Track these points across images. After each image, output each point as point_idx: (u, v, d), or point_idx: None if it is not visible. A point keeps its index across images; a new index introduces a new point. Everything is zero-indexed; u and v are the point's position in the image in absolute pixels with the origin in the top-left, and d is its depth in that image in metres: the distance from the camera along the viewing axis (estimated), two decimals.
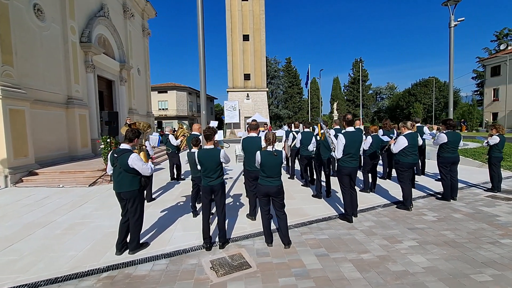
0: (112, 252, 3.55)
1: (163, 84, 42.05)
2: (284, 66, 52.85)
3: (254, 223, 4.54)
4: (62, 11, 9.87)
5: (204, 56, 4.04)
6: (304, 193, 6.37)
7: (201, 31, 3.99)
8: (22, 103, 7.59)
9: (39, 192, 6.65)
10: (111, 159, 3.50)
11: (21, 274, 3.11)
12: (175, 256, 3.47)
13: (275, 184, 3.60)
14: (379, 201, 5.64)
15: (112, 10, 13.68)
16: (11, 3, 7.53)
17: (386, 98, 61.45)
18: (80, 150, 10.28)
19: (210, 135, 3.57)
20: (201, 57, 4.05)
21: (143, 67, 18.47)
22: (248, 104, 35.64)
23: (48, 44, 9.15)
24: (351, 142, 4.39)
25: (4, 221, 4.80)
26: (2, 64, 7.10)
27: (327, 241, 3.81)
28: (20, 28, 7.92)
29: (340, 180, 4.64)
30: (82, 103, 10.56)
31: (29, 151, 7.82)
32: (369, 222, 4.52)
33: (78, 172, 7.81)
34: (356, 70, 54.47)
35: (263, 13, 35.14)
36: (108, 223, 4.56)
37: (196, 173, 4.71)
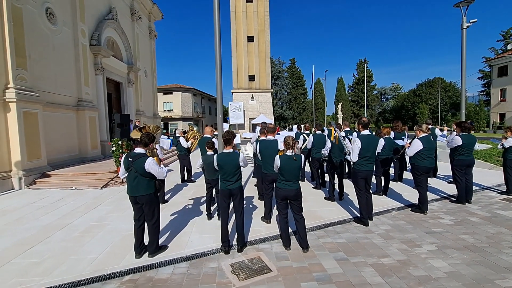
0: (131, 255, 3.58)
1: (168, 86, 42.28)
2: (288, 67, 52.87)
3: (270, 226, 4.55)
4: (73, 15, 9.99)
5: (220, 65, 4.07)
6: (316, 195, 6.36)
7: (218, 39, 4.01)
8: (35, 106, 7.69)
9: (53, 194, 6.72)
10: (125, 163, 3.47)
11: (45, 277, 3.14)
12: (195, 260, 3.49)
13: (293, 188, 3.61)
14: (393, 204, 5.61)
15: (120, 13, 13.80)
16: (24, 7, 7.64)
17: (391, 99, 61.11)
18: (90, 152, 10.37)
19: (229, 139, 3.58)
20: (217, 66, 4.07)
21: (150, 69, 18.59)
22: (253, 105, 35.68)
23: (59, 47, 9.26)
24: (367, 145, 4.38)
25: (22, 223, 4.86)
26: (16, 68, 7.20)
27: (345, 245, 3.80)
28: (33, 32, 8.03)
29: (355, 183, 4.63)
30: (92, 105, 10.66)
31: (42, 153, 7.92)
32: (386, 226, 4.50)
33: (90, 174, 7.88)
34: (361, 70, 54.28)
35: (267, 14, 35.19)
36: (124, 225, 4.59)
37: (211, 175, 4.73)
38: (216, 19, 4.17)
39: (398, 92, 60.75)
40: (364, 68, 48.93)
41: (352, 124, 51.79)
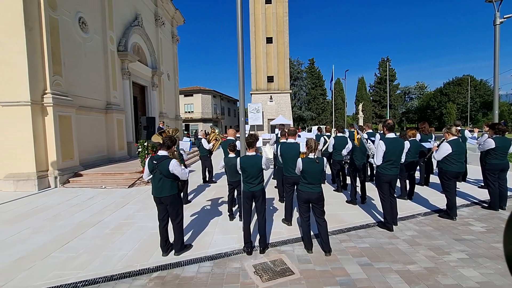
0: (158, 253, 3.75)
1: (189, 88, 43.33)
2: (307, 68, 52.36)
3: (291, 228, 4.57)
4: (103, 23, 10.57)
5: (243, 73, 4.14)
6: (338, 198, 6.29)
7: (240, 45, 4.10)
8: (69, 110, 8.22)
9: (84, 193, 7.15)
10: (149, 166, 3.61)
11: (81, 271, 3.37)
12: (219, 259, 3.59)
13: (316, 191, 3.62)
14: (419, 209, 5.43)
15: (145, 19, 14.39)
16: (60, 18, 8.20)
17: (415, 98, 58.73)
18: (118, 152, 10.89)
19: (252, 142, 3.66)
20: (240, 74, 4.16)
21: (172, 72, 19.19)
22: (272, 106, 35.68)
23: (90, 54, 9.83)
24: (392, 148, 4.29)
25: (58, 219, 5.22)
26: (53, 74, 7.74)
27: (368, 250, 3.75)
28: (67, 41, 8.59)
29: (379, 188, 4.53)
30: (119, 108, 11.20)
31: (75, 154, 8.45)
32: (411, 231, 4.37)
33: (117, 174, 8.29)
34: (383, 69, 52.66)
35: (286, 15, 35.09)
36: (151, 224, 4.79)
37: (233, 177, 4.83)
38: (239, 26, 4.26)
39: (423, 91, 58.23)
40: (386, 67, 47.30)
41: (375, 125, 50.28)
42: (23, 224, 4.99)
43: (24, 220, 5.19)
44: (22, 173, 7.27)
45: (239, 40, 4.21)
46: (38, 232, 4.58)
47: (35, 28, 7.42)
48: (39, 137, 7.46)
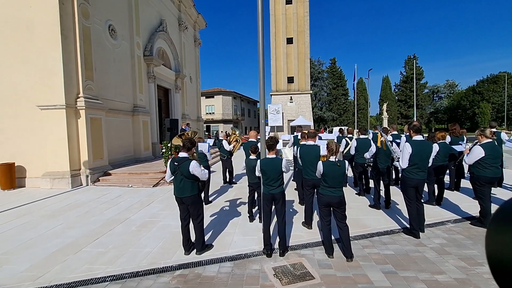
0: (181, 251, 3.87)
1: (210, 90, 44.16)
2: (328, 68, 51.38)
3: (311, 231, 4.52)
4: (130, 29, 11.09)
5: (263, 73, 4.17)
6: (360, 202, 6.12)
7: (261, 48, 4.13)
8: (99, 112, 8.72)
9: (113, 191, 7.53)
10: (171, 167, 3.74)
11: (110, 266, 3.56)
12: (239, 260, 3.64)
13: (337, 195, 3.56)
14: (449, 216, 5.15)
15: (169, 25, 14.90)
16: (92, 26, 8.72)
17: (445, 97, 55.60)
18: (143, 153, 11.37)
19: (272, 145, 3.67)
20: (260, 74, 4.19)
21: (194, 75, 19.69)
22: (292, 107, 35.44)
23: (119, 59, 10.35)
24: (419, 152, 4.11)
25: (90, 216, 5.55)
26: (85, 79, 8.25)
27: (393, 257, 3.62)
28: (98, 47, 9.11)
29: (404, 192, 4.36)
30: (145, 111, 11.69)
31: (104, 154, 8.93)
32: (440, 239, 4.16)
33: (143, 174, 8.65)
34: (409, 67, 50.41)
35: (307, 15, 34.72)
36: (174, 223, 4.94)
37: (253, 179, 4.87)
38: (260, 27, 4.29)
39: (454, 90, 54.98)
40: (413, 65, 45.27)
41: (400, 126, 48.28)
42: (59, 219, 5.35)
43: (59, 215, 5.57)
44: (57, 171, 7.81)
45: (260, 42, 4.25)
46: (72, 228, 4.90)
47: (70, 37, 7.95)
48: (73, 138, 7.97)
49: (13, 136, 8.08)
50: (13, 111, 8.04)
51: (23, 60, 7.91)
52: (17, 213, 5.76)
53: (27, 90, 7.93)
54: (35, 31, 7.76)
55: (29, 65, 7.86)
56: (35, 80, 7.83)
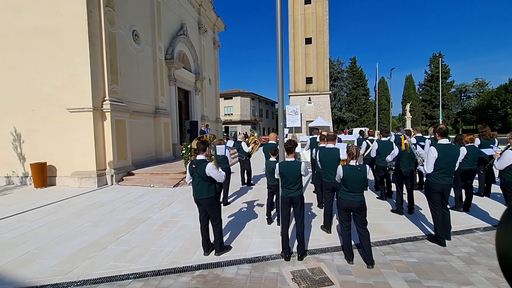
0: (200, 251, 3.94)
1: (228, 91, 44.65)
2: (348, 67, 50.31)
3: (330, 236, 4.45)
4: (152, 34, 11.49)
5: (282, 75, 4.17)
6: (381, 206, 5.94)
7: (280, 50, 4.14)
8: (124, 115, 9.10)
9: (136, 191, 7.82)
10: (190, 170, 3.84)
11: (133, 264, 3.70)
12: (257, 263, 3.66)
13: (358, 200, 3.48)
14: (477, 223, 4.88)
15: (190, 28, 15.26)
16: (117, 32, 9.12)
17: (473, 97, 52.60)
18: (164, 153, 11.72)
19: (291, 148, 3.66)
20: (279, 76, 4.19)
21: (213, 77, 20.01)
22: (310, 108, 35.03)
23: (142, 63, 10.75)
24: (445, 156, 3.93)
25: (114, 214, 5.80)
26: (111, 83, 8.65)
27: (416, 266, 3.48)
28: (123, 52, 9.51)
29: (429, 198, 4.19)
30: (166, 112, 12.05)
31: (128, 154, 9.31)
32: (467, 248, 3.94)
33: (164, 174, 8.91)
34: (434, 66, 48.19)
35: (326, 14, 34.20)
36: (193, 223, 5.06)
37: (272, 181, 4.86)
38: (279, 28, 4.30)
39: (484, 89, 51.86)
40: (438, 63, 43.17)
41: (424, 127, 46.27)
42: (85, 217, 5.64)
43: (86, 213, 5.87)
44: (85, 171, 8.23)
45: (278, 45, 4.25)
46: (97, 225, 5.15)
47: (96, 43, 8.36)
48: (99, 140, 8.37)
49: (45, 137, 8.62)
50: (44, 114, 8.58)
51: (53, 65, 8.42)
52: (48, 211, 6.13)
53: (57, 94, 8.43)
54: (64, 38, 8.24)
55: (58, 70, 8.36)
56: (64, 84, 8.31)
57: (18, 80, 8.65)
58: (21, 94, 8.64)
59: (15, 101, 8.69)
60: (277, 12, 4.25)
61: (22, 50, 8.58)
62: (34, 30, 8.50)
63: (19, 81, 8.64)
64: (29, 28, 8.51)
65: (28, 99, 8.61)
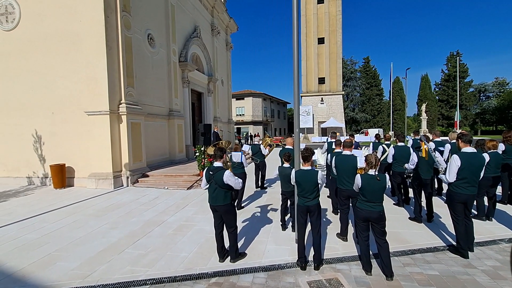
0: (215, 258, 3.95)
1: (240, 92, 44.80)
2: (361, 67, 49.48)
3: (346, 244, 4.37)
4: (167, 37, 11.66)
5: (298, 79, 4.13)
6: (398, 214, 5.79)
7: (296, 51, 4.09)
8: (139, 117, 9.28)
9: (151, 193, 7.95)
10: (206, 176, 3.84)
11: (149, 269, 3.74)
12: (272, 271, 3.63)
13: (376, 210, 3.40)
14: (502, 233, 4.67)
15: (203, 30, 15.39)
16: (133, 36, 9.30)
17: (493, 97, 50.60)
18: (178, 155, 11.88)
19: (308, 157, 3.60)
20: (295, 80, 4.15)
21: (226, 78, 20.11)
22: (322, 109, 34.68)
23: (156, 66, 10.93)
24: (469, 165, 3.77)
25: (130, 216, 5.91)
26: (127, 86, 8.83)
27: (438, 279, 3.36)
28: (138, 56, 9.70)
29: (451, 208, 4.03)
30: (180, 114, 12.21)
31: (143, 156, 9.49)
32: (492, 261, 3.78)
33: (178, 176, 9.02)
34: (452, 65, 46.74)
35: (339, 14, 33.76)
36: (208, 227, 5.07)
37: (286, 187, 4.83)
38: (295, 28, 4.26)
39: (504, 89, 49.79)
40: (456, 62, 41.80)
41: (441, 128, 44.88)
42: (103, 219, 5.78)
43: (103, 215, 6.01)
44: (102, 173, 8.44)
45: (295, 45, 4.21)
46: (115, 228, 5.26)
47: (113, 47, 8.56)
48: (115, 142, 8.57)
49: (64, 139, 8.90)
50: (64, 117, 8.85)
51: (72, 69, 8.68)
52: (67, 212, 6.32)
53: (75, 97, 8.68)
54: (82, 43, 8.48)
55: (77, 74, 8.61)
56: (82, 88, 8.54)
57: (39, 84, 8.97)
58: (41, 98, 8.96)
59: (36, 104, 9.01)
60: (293, 13, 4.22)
61: (43, 55, 8.89)
62: (55, 36, 8.78)
63: (40, 85, 8.96)
64: (50, 34, 8.81)
65: (48, 102, 8.91)
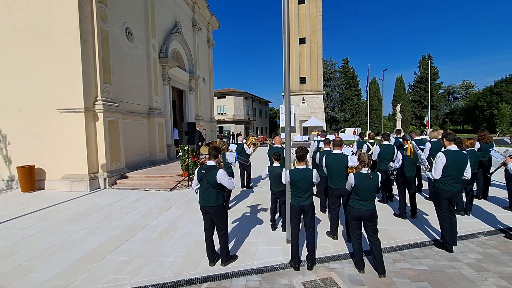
0: (205, 261, 3.78)
1: (221, 90, 44.27)
2: (341, 68, 50.73)
3: (337, 243, 4.37)
4: (146, 31, 11.16)
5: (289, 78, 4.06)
6: (384, 211, 5.91)
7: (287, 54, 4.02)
8: (117, 115, 8.78)
9: (131, 195, 7.55)
10: (198, 175, 3.65)
11: (134, 276, 3.50)
12: (266, 273, 3.53)
13: (369, 208, 3.41)
14: (480, 227, 4.91)
15: (184, 26, 14.94)
16: (110, 29, 8.79)
17: (461, 98, 54.07)
18: (159, 155, 11.43)
19: (303, 156, 3.54)
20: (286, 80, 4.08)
21: (207, 76, 19.71)
22: (304, 108, 35.13)
23: (135, 62, 10.42)
24: (454, 162, 3.90)
25: (110, 221, 5.55)
26: (103, 82, 8.32)
27: (427, 274, 3.43)
28: (116, 50, 9.18)
29: (437, 204, 4.16)
30: (160, 113, 11.75)
31: (121, 156, 9.00)
32: (474, 254, 3.94)
33: (160, 177, 8.66)
34: (424, 67, 49.18)
35: (320, 15, 34.32)
36: (195, 230, 4.89)
37: (277, 187, 4.75)
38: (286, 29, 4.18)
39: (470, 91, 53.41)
40: (428, 65, 44.04)
41: (413, 127, 47.13)
42: (80, 224, 5.38)
43: (80, 220, 5.60)
44: (76, 174, 7.90)
45: (285, 44, 4.13)
46: (93, 233, 4.90)
47: (88, 41, 8.02)
48: (91, 141, 8.05)
49: (33, 139, 8.22)
50: (33, 114, 8.17)
51: (43, 64, 8.02)
52: (40, 217, 5.83)
53: (47, 94, 8.05)
54: (54, 35, 7.88)
55: (49, 69, 7.97)
56: (55, 84, 7.94)
57: (6, 80, 8.21)
58: (8, 94, 8.20)
59: (2, 101, 8.24)
60: (284, 13, 4.14)
61: (11, 49, 8.14)
62: (25, 28, 8.07)
63: (8, 80, 8.20)
64: (19, 26, 8.07)
65: (16, 99, 8.18)
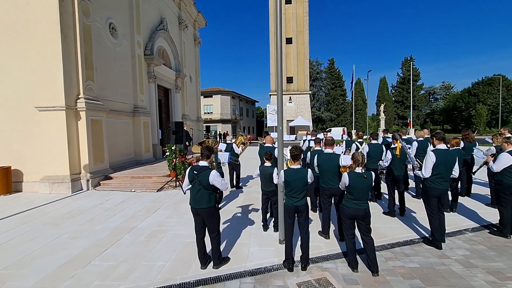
0: (196, 264, 3.66)
1: (208, 89, 43.79)
2: (326, 68, 51.47)
3: (329, 242, 4.37)
4: (131, 28, 10.80)
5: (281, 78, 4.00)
6: (373, 209, 5.88)
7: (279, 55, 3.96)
8: (100, 114, 8.43)
9: (115, 196, 7.26)
10: (190, 176, 3.52)
11: (122, 282, 3.34)
12: (259, 275, 3.46)
13: (362, 207, 3.41)
14: (466, 224, 5.06)
15: (170, 23, 14.59)
16: (93, 24, 8.42)
17: (440, 99, 56.24)
18: (144, 155, 11.09)
19: (298, 155, 3.49)
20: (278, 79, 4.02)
21: (194, 74, 19.39)
22: (291, 108, 35.35)
23: (119, 59, 10.05)
24: (443, 161, 3.98)
25: (94, 224, 5.30)
26: (86, 79, 7.96)
27: (419, 271, 3.48)
28: (99, 46, 8.81)
29: (426, 202, 4.22)
30: (146, 111, 11.41)
31: (105, 157, 8.65)
32: (462, 250, 4.04)
33: (146, 177, 8.39)
34: (406, 69, 50.79)
35: (306, 15, 34.64)
36: (185, 232, 4.74)
37: (268, 187, 4.68)
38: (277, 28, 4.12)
39: (450, 92, 55.69)
40: (410, 67, 45.52)
41: (396, 127, 48.48)
42: (62, 227, 5.10)
43: (62, 223, 5.32)
44: (57, 175, 7.51)
45: (278, 43, 4.07)
46: (77, 237, 4.66)
47: (69, 35, 7.65)
48: (73, 141, 7.67)
49: (10, 139, 7.75)
50: (11, 113, 7.72)
51: (21, 60, 7.59)
52: (18, 221, 5.48)
53: (26, 91, 7.61)
54: (33, 30, 7.45)
55: (27, 65, 7.54)
56: (34, 80, 7.51)
57: None
58: None
59: None
60: (276, 12, 4.07)
61: None
62: (1, 22, 7.59)
63: None
64: None
65: None
